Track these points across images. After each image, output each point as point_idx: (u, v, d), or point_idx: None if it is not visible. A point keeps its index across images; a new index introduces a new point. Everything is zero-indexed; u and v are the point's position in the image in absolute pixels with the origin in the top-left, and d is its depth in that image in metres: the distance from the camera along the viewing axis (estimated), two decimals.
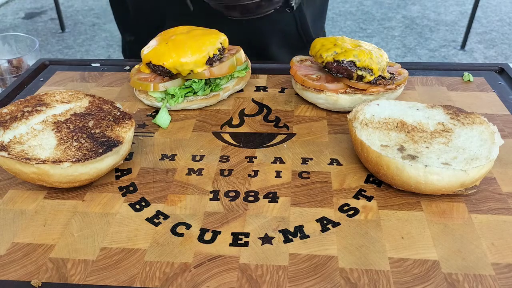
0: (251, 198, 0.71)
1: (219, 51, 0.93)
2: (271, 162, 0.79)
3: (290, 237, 0.64)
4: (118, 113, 0.82)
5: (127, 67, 1.13)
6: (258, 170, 0.78)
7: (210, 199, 0.71)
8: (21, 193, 0.74)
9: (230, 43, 0.99)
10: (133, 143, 0.85)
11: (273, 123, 0.91)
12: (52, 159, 0.69)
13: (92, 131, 0.77)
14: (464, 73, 1.05)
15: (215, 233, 0.65)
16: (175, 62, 0.89)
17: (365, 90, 0.89)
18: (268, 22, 1.17)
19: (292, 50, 1.26)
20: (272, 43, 1.25)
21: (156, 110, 0.95)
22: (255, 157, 0.81)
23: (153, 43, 0.95)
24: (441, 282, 0.58)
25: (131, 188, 0.74)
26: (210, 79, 0.95)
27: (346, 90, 0.90)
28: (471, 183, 0.67)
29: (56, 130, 0.77)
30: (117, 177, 0.77)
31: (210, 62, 0.92)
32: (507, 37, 4.07)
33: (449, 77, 1.05)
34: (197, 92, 0.94)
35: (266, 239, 0.64)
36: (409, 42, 4.02)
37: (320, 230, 0.65)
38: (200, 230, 0.66)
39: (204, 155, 0.82)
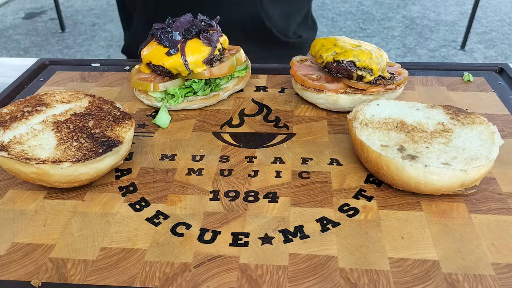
0: (251, 198, 0.71)
1: (219, 51, 0.93)
2: (271, 162, 0.79)
3: (290, 237, 0.64)
4: (118, 113, 0.82)
5: (127, 67, 1.13)
6: (258, 170, 0.78)
7: (210, 199, 0.71)
8: (21, 193, 0.74)
9: None
10: (133, 143, 0.85)
11: (273, 123, 0.91)
12: (52, 159, 0.69)
13: (92, 131, 0.77)
14: (464, 73, 1.05)
15: (215, 233, 0.65)
16: (175, 62, 0.89)
17: (365, 90, 0.89)
18: (225, 12, 1.12)
19: (256, 46, 1.20)
20: (232, 37, 1.15)
21: (156, 110, 0.95)
22: (255, 157, 0.81)
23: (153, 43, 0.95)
24: (441, 282, 0.58)
25: (131, 188, 0.74)
26: (210, 79, 0.95)
27: (346, 90, 0.90)
28: (471, 183, 0.67)
29: (56, 130, 0.77)
30: (117, 177, 0.77)
31: (210, 62, 0.92)
32: (507, 37, 4.07)
33: (449, 77, 1.05)
34: (197, 92, 0.94)
35: (266, 239, 0.64)
36: (409, 42, 4.03)
37: (320, 230, 0.65)
38: (200, 230, 0.66)
39: (204, 155, 0.82)
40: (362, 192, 0.72)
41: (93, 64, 1.16)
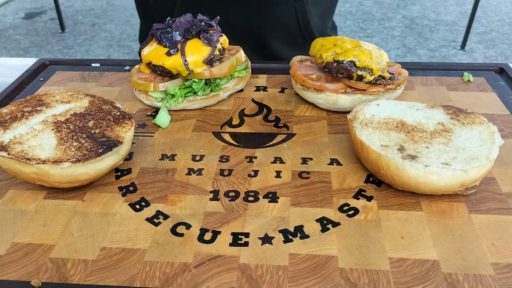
0: (251, 198, 0.71)
1: (219, 51, 0.93)
2: (271, 162, 0.79)
3: (290, 237, 0.64)
4: (118, 113, 0.82)
5: (127, 67, 1.13)
6: (258, 170, 0.78)
7: (210, 199, 0.71)
8: (21, 193, 0.74)
9: (231, 37, 0.99)
10: (133, 143, 0.85)
11: (273, 123, 0.91)
12: (52, 159, 0.69)
13: (92, 131, 0.77)
14: (464, 73, 1.05)
15: (215, 233, 0.65)
16: (175, 62, 0.89)
17: (365, 90, 0.89)
18: (269, 14, 1.17)
19: (295, 49, 1.26)
20: (272, 38, 1.24)
21: (156, 110, 0.95)
22: (255, 157, 0.81)
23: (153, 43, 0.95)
24: (441, 282, 0.58)
25: (131, 188, 0.74)
26: (210, 79, 0.95)
27: (346, 90, 0.90)
28: (471, 183, 0.67)
29: (56, 130, 0.77)
30: (117, 177, 0.77)
31: (210, 62, 0.92)
32: (507, 37, 4.07)
33: (449, 77, 1.05)
34: (197, 92, 0.94)
35: (266, 239, 0.64)
36: (409, 42, 4.03)
37: (320, 230, 0.65)
38: (200, 230, 0.66)
39: (204, 155, 0.82)
40: (362, 192, 0.72)
41: (93, 64, 1.16)
